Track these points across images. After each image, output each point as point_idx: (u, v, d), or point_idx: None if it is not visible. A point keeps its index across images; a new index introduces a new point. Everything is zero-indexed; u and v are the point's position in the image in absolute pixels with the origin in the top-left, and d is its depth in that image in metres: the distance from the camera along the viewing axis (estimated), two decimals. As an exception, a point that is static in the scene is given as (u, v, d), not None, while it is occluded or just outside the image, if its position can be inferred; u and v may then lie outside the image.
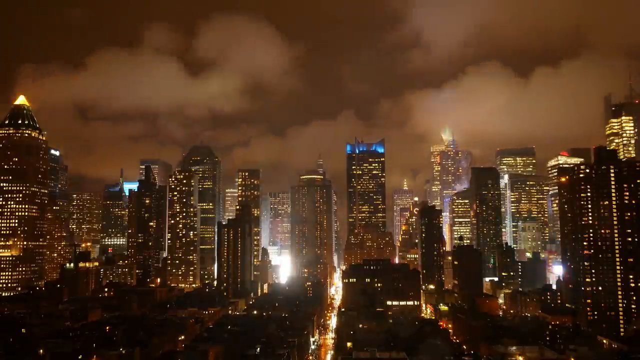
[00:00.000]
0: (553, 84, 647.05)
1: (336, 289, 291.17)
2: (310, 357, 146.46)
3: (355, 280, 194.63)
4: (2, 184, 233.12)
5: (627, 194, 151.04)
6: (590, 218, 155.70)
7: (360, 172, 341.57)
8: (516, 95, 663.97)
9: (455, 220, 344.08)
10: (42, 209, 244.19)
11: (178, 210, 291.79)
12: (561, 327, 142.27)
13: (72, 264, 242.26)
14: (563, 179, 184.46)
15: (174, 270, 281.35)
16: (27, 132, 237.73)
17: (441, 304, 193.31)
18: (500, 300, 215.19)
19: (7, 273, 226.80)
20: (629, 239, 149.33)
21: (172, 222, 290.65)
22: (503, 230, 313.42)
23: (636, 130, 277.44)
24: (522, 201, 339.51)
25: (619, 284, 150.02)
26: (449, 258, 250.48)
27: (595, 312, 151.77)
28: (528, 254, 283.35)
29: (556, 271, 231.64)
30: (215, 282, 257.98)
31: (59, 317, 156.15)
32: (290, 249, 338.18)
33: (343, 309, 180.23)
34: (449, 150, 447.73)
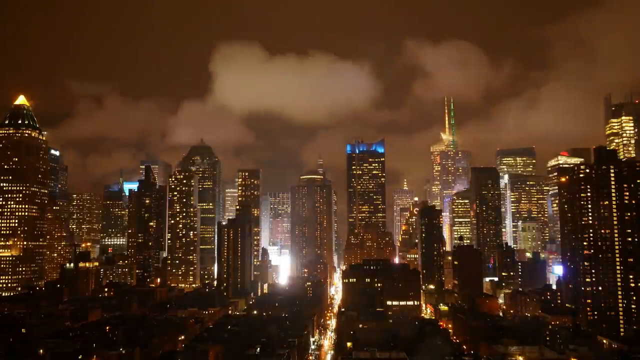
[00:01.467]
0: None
1: (336, 289, 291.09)
2: (310, 357, 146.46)
3: (355, 280, 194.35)
4: (2, 184, 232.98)
5: (627, 194, 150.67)
6: (590, 218, 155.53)
7: (360, 172, 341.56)
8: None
9: (455, 220, 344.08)
10: (42, 209, 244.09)
11: (178, 210, 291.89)
12: (561, 327, 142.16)
13: (72, 264, 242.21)
14: (563, 179, 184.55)
15: (174, 270, 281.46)
16: (27, 132, 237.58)
17: (441, 304, 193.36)
18: (500, 300, 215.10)
19: (7, 273, 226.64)
20: (629, 239, 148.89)
21: (172, 222, 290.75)
22: (503, 230, 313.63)
23: (636, 130, 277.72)
24: (522, 201, 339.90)
25: (619, 284, 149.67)
26: (449, 258, 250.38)
27: (595, 312, 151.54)
28: (528, 254, 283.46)
29: (556, 271, 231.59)
30: (215, 282, 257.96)
31: (59, 317, 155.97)
32: (290, 249, 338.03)
33: (343, 309, 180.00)
34: (449, 150, 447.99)
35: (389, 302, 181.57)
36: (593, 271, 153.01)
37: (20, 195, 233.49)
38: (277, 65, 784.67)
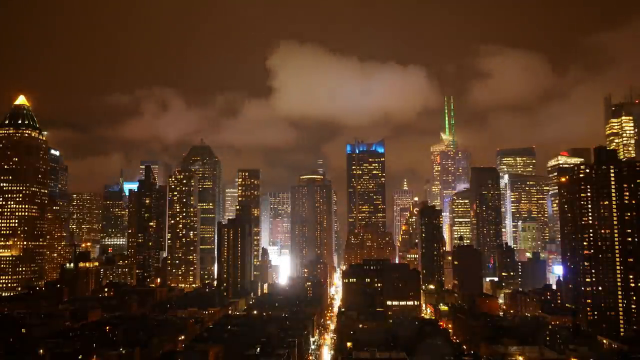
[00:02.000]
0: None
1: (336, 289, 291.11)
2: (310, 357, 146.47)
3: (355, 280, 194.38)
4: (2, 184, 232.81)
5: (627, 194, 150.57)
6: (590, 218, 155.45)
7: (360, 172, 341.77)
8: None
9: (455, 220, 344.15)
10: (42, 209, 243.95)
11: (178, 210, 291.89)
12: (561, 327, 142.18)
13: (72, 264, 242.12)
14: (563, 179, 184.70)
15: (174, 270, 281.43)
16: (27, 132, 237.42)
17: (441, 304, 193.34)
18: (500, 300, 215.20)
19: (7, 273, 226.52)
20: (629, 239, 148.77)
21: (172, 222, 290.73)
22: (503, 230, 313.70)
23: (636, 130, 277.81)
24: (522, 201, 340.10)
25: (619, 284, 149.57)
26: (449, 258, 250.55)
27: (595, 312, 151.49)
28: (528, 254, 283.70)
29: (556, 271, 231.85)
30: (215, 282, 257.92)
31: (59, 317, 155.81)
32: (290, 249, 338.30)
33: (343, 309, 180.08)
34: (449, 150, 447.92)
35: (389, 302, 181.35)
36: (593, 271, 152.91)
37: (20, 195, 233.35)
38: (334, 67, 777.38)
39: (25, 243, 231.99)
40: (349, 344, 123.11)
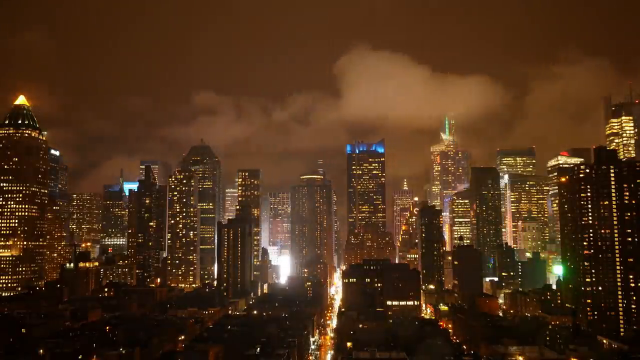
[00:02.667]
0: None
1: (336, 289, 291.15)
2: (310, 357, 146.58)
3: (355, 280, 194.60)
4: (2, 184, 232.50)
5: (627, 194, 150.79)
6: (590, 218, 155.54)
7: (360, 172, 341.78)
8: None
9: (455, 220, 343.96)
10: (42, 209, 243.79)
11: (178, 210, 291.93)
12: (561, 327, 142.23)
13: (72, 264, 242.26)
14: (563, 179, 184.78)
15: (174, 270, 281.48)
16: (27, 132, 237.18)
17: (441, 304, 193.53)
18: (500, 300, 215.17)
19: (7, 273, 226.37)
20: (629, 239, 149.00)
21: (172, 222, 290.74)
22: (503, 230, 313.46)
23: (636, 130, 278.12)
24: (522, 201, 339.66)
25: (619, 284, 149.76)
26: (449, 258, 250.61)
27: (595, 312, 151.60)
28: (528, 254, 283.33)
29: (556, 271, 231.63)
30: (215, 282, 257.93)
31: (59, 317, 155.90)
32: (290, 249, 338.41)
33: (343, 309, 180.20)
34: (449, 150, 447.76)
35: (389, 302, 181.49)
36: (593, 271, 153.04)
37: (20, 195, 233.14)
38: (404, 75, 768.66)
39: (25, 243, 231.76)
40: (349, 344, 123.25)
